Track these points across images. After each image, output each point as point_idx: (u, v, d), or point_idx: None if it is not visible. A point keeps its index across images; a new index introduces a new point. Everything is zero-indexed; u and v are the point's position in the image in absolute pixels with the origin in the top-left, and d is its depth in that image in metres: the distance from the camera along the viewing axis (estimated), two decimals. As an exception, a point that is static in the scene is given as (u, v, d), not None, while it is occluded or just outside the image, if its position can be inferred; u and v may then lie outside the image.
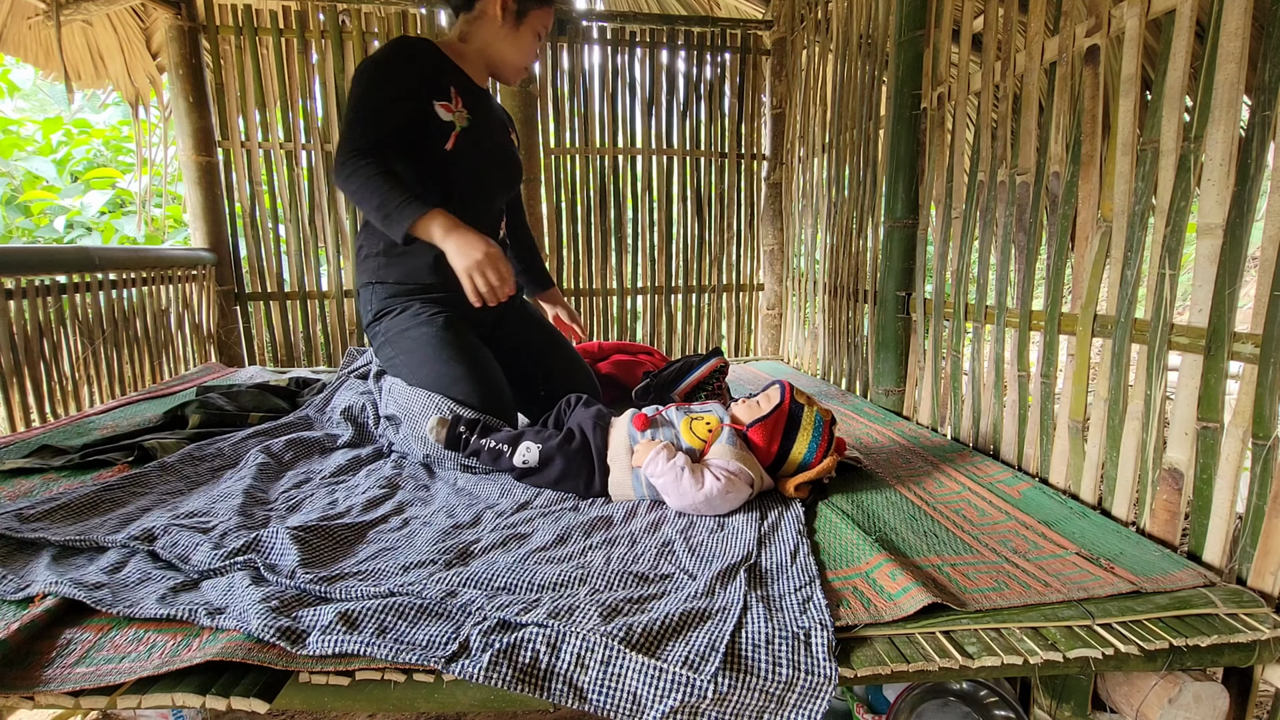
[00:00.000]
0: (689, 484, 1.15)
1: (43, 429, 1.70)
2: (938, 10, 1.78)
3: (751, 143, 3.25)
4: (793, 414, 1.25)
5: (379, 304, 1.63)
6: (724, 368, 1.77)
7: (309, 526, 1.06)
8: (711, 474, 1.16)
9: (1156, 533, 1.14)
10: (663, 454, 1.19)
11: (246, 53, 2.77)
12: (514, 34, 1.63)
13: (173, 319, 2.54)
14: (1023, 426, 1.48)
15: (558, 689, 0.75)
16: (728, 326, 3.40)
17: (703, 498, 1.15)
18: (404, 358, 1.57)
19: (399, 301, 1.61)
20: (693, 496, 1.15)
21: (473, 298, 1.46)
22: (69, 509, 1.12)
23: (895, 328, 1.95)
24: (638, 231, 3.22)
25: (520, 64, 1.68)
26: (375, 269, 1.62)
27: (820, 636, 0.80)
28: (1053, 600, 0.90)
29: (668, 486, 1.18)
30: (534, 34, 1.66)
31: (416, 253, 1.58)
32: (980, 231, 1.61)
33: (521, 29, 1.63)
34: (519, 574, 0.94)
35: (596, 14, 3.06)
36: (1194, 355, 1.08)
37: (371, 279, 1.63)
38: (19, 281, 1.85)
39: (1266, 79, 0.98)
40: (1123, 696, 0.91)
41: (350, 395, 1.76)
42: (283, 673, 0.76)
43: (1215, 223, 1.04)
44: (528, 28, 1.64)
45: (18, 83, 5.39)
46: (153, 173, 3.26)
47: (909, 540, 1.09)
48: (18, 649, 0.78)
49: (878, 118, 2.14)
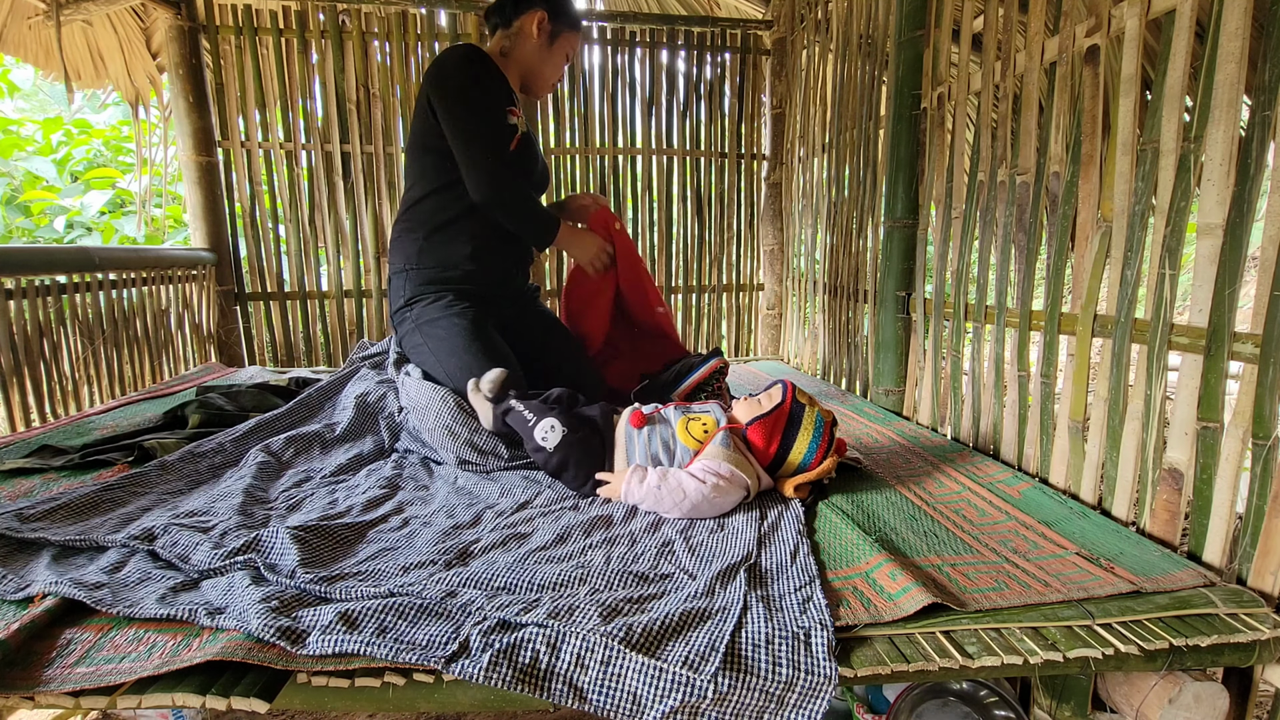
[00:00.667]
0: (670, 498, 1.16)
1: (43, 429, 1.70)
2: (938, 10, 1.78)
3: (751, 143, 3.25)
4: (793, 414, 1.25)
5: (412, 290, 1.71)
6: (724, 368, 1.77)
7: (309, 526, 1.06)
8: (696, 477, 1.16)
9: (1156, 533, 1.14)
10: (634, 478, 1.20)
11: (246, 53, 2.77)
12: (548, 52, 1.79)
13: (173, 319, 2.54)
14: (1023, 426, 1.48)
15: (558, 689, 0.75)
16: (728, 326, 3.40)
17: (689, 505, 1.16)
18: (432, 345, 1.65)
19: (432, 290, 1.69)
20: (679, 507, 1.16)
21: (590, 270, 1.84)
22: (69, 509, 1.12)
23: (895, 328, 1.95)
24: (638, 231, 3.22)
25: (551, 80, 1.84)
26: (414, 253, 1.70)
27: (820, 636, 0.80)
28: (1053, 600, 0.90)
29: (652, 506, 1.19)
30: (564, 55, 1.82)
31: (457, 240, 1.70)
32: (980, 231, 1.61)
33: (554, 49, 1.79)
34: (519, 574, 0.94)
35: (596, 14, 3.06)
36: (1194, 355, 1.08)
37: (407, 264, 1.71)
38: (19, 281, 1.85)
39: (1266, 79, 0.98)
40: (1123, 696, 0.91)
41: (366, 383, 1.78)
42: (283, 673, 0.76)
43: (1215, 223, 1.04)
44: (559, 48, 1.80)
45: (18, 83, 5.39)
46: (153, 173, 3.26)
47: (909, 540, 1.09)
48: (18, 649, 0.78)
49: (878, 118, 2.14)
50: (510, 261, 1.81)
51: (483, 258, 1.71)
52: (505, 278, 1.80)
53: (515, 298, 1.85)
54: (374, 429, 1.62)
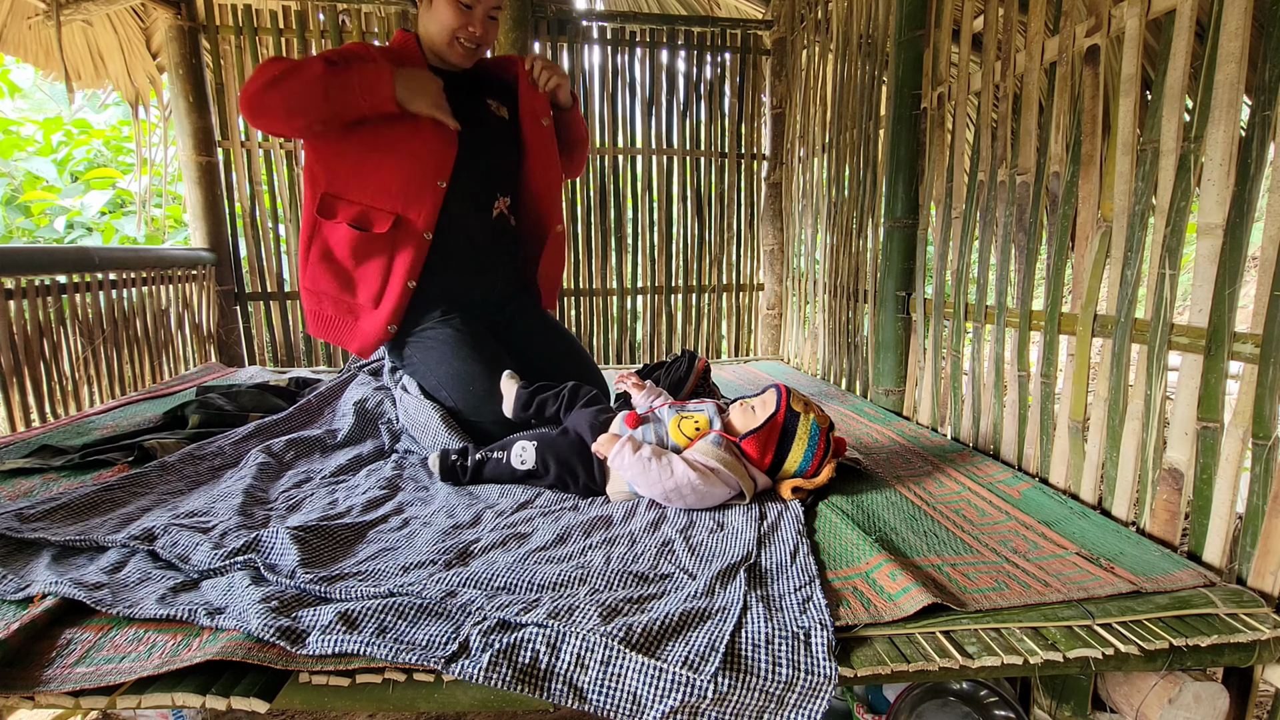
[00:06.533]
0: (656, 473, 1.16)
1: (43, 429, 1.70)
2: (938, 10, 1.78)
3: (751, 143, 3.25)
4: (786, 426, 1.23)
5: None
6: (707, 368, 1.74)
7: (309, 526, 1.06)
8: (685, 463, 1.16)
9: (1156, 533, 1.14)
10: (627, 446, 1.20)
11: (246, 53, 2.77)
12: (431, 12, 1.60)
13: (173, 319, 2.54)
14: (1023, 426, 1.48)
15: (557, 689, 0.75)
16: (728, 326, 3.40)
17: (673, 485, 1.15)
18: (421, 355, 1.62)
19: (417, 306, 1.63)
20: (663, 485, 1.16)
21: (441, 117, 1.53)
22: (69, 509, 1.12)
23: (895, 328, 1.95)
24: (638, 231, 3.22)
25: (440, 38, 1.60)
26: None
27: (820, 636, 0.80)
28: (1053, 600, 0.90)
29: (636, 478, 1.19)
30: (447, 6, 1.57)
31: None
32: (980, 231, 1.61)
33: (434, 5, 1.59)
34: (519, 574, 0.94)
35: (596, 14, 3.06)
36: (1194, 355, 1.08)
37: None
38: (19, 281, 1.85)
39: (1266, 79, 0.98)
40: (1123, 696, 0.91)
41: (365, 389, 1.78)
42: (283, 672, 0.76)
43: (1215, 223, 1.04)
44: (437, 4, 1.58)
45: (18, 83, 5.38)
46: (153, 173, 3.26)
47: (909, 540, 1.09)
48: (18, 649, 0.78)
49: (878, 118, 2.14)
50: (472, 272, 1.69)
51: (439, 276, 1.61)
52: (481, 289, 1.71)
53: (504, 305, 1.77)
54: (374, 433, 1.62)
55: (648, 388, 1.40)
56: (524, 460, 1.32)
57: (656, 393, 1.41)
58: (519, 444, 1.34)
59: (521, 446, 1.33)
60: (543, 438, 1.34)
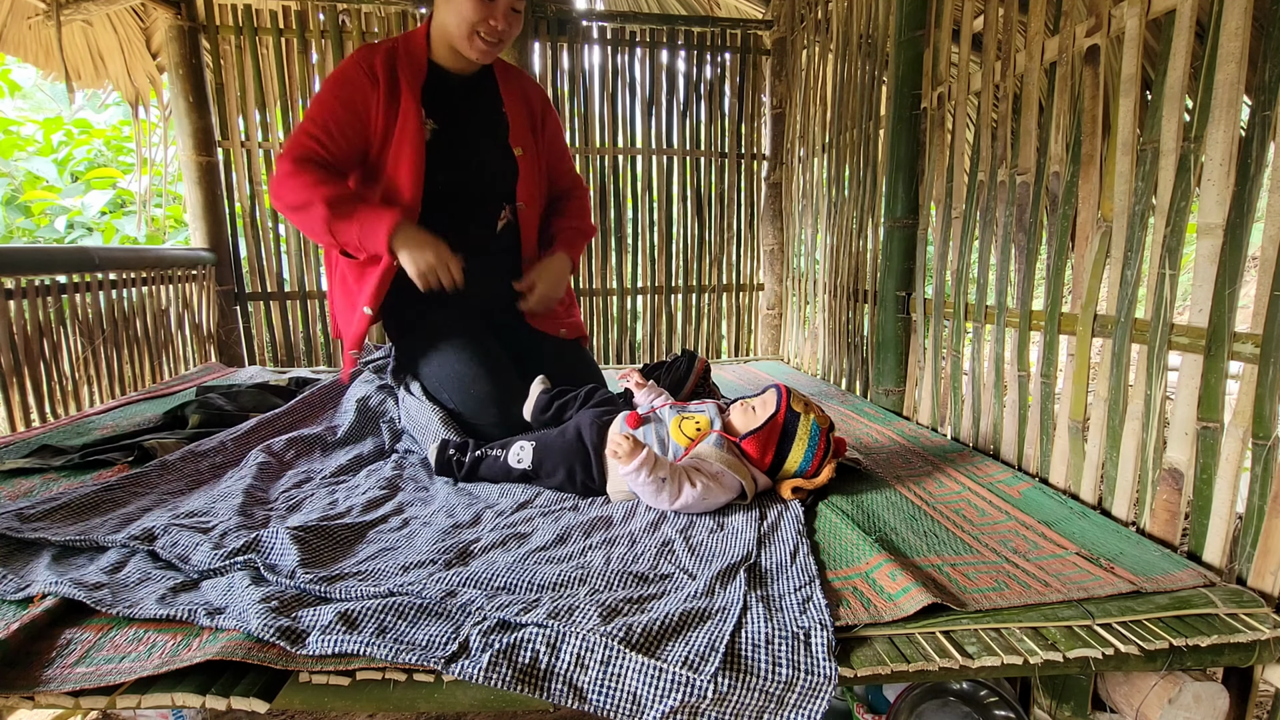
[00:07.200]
0: (666, 496, 1.16)
1: (43, 429, 1.70)
2: (938, 10, 1.78)
3: (751, 143, 3.25)
4: (787, 426, 1.23)
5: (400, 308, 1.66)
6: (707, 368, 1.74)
7: (309, 526, 1.06)
8: (689, 481, 1.16)
9: (1156, 533, 1.14)
10: (645, 467, 1.16)
11: (246, 53, 2.77)
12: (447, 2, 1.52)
13: (173, 319, 2.54)
14: (1023, 426, 1.48)
15: (557, 689, 0.75)
16: (728, 326, 3.40)
17: (680, 505, 1.16)
18: (423, 354, 1.62)
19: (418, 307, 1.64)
20: (670, 505, 1.17)
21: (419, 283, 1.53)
22: (69, 509, 1.12)
23: (895, 328, 1.95)
24: (638, 231, 3.22)
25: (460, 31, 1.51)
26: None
27: (820, 636, 0.80)
28: (1053, 600, 0.90)
29: (647, 497, 1.20)
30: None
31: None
32: (980, 231, 1.61)
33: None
34: (519, 574, 0.94)
35: (596, 14, 3.06)
36: (1194, 355, 1.08)
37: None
38: (19, 281, 1.85)
39: (1266, 79, 0.98)
40: (1123, 696, 0.91)
41: (367, 387, 1.78)
42: (283, 672, 0.76)
43: (1215, 223, 1.04)
44: None
45: (18, 82, 5.38)
46: (153, 173, 3.26)
47: (909, 540, 1.09)
48: (18, 649, 0.78)
49: (878, 118, 2.14)
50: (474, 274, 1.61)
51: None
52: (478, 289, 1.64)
53: (506, 305, 1.73)
54: (375, 432, 1.62)
55: (649, 386, 1.41)
56: (520, 459, 1.32)
57: (657, 391, 1.41)
58: (518, 443, 1.34)
59: (520, 446, 1.34)
60: (541, 437, 1.34)
